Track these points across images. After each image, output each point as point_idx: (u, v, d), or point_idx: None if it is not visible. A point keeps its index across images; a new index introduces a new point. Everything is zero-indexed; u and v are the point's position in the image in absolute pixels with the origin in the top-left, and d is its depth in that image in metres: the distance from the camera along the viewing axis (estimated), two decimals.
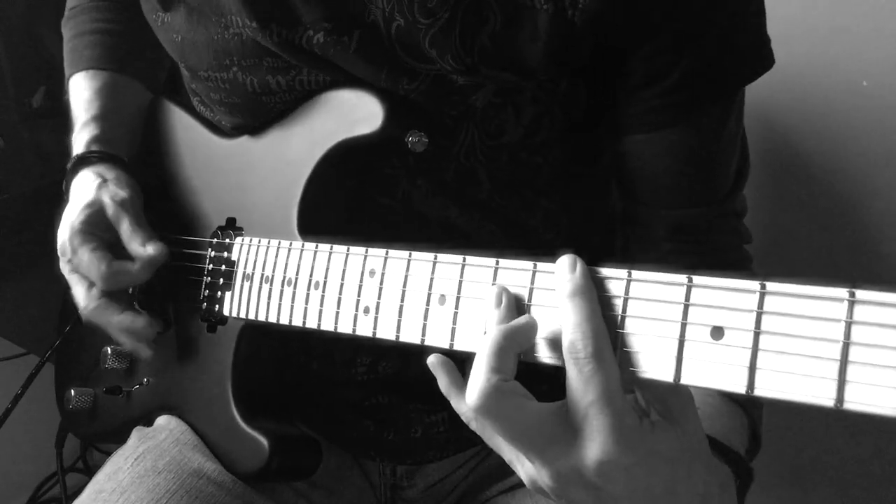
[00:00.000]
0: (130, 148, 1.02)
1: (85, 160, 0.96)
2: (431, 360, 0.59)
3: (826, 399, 0.43)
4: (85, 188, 0.93)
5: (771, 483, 0.67)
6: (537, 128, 0.82)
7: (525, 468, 0.57)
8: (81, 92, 1.02)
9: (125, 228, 0.90)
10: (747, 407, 0.74)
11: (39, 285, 0.92)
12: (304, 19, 0.78)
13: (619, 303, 0.53)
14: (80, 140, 0.98)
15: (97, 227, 0.90)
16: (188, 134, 0.99)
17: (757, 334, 0.46)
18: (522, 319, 0.56)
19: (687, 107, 0.77)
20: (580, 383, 0.52)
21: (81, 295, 0.90)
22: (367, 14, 0.76)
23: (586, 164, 0.90)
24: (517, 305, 0.58)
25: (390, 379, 0.91)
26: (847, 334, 0.43)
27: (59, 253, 0.91)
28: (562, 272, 0.54)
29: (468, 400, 0.54)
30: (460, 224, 0.85)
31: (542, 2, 0.72)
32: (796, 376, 0.44)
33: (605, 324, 0.52)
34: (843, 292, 0.43)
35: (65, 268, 0.92)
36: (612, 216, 1.00)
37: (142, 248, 0.89)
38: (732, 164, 0.83)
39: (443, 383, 0.59)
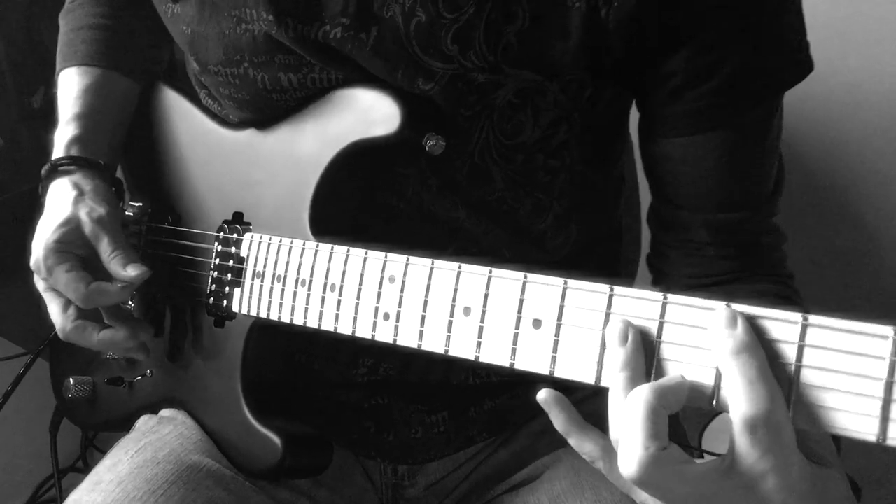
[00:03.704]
0: (112, 149, 0.99)
1: (60, 168, 0.92)
2: (543, 397, 0.56)
3: (868, 435, 0.44)
4: (61, 202, 0.90)
5: None
6: (555, 131, 0.81)
7: None
8: (70, 88, 0.99)
9: (104, 248, 0.87)
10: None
11: None
12: (322, 14, 0.76)
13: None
14: (61, 140, 0.95)
15: (72, 245, 0.87)
16: (191, 122, 0.97)
17: (798, 368, 0.47)
18: (675, 379, 0.52)
19: (730, 110, 0.75)
20: (756, 453, 0.48)
21: (57, 316, 0.88)
22: (386, 10, 0.75)
23: (602, 171, 0.89)
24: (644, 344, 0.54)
25: (391, 380, 0.91)
26: (891, 372, 0.43)
27: (32, 269, 0.89)
28: (720, 327, 0.50)
29: (625, 470, 0.50)
30: (468, 226, 0.85)
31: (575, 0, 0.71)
32: (838, 411, 0.45)
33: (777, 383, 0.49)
34: (888, 330, 0.44)
35: (40, 285, 0.90)
36: (618, 227, 1.00)
37: (122, 271, 0.86)
38: (774, 166, 0.82)
39: (559, 422, 0.57)
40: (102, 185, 0.93)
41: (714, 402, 0.50)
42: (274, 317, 0.80)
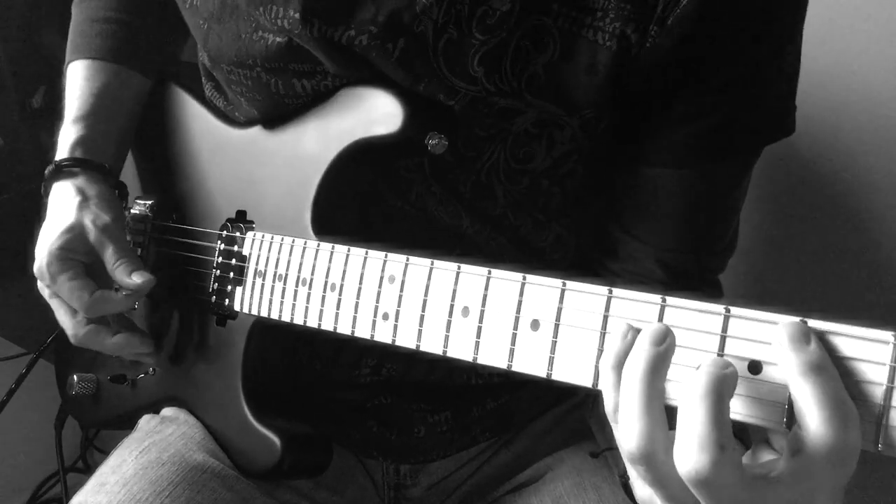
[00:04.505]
0: (119, 150, 0.98)
1: (64, 170, 0.91)
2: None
3: (866, 442, 0.43)
4: (65, 206, 0.89)
5: None
6: (565, 161, 0.81)
7: None
8: (79, 83, 0.98)
9: (109, 256, 0.87)
10: None
11: None
12: (351, 19, 0.75)
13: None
14: (65, 140, 0.94)
15: (76, 252, 0.87)
16: (197, 120, 0.97)
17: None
18: (729, 367, 0.47)
19: (714, 152, 0.77)
20: (818, 472, 0.45)
21: (67, 323, 0.88)
22: (417, 24, 0.74)
23: (599, 195, 0.89)
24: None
25: (394, 381, 0.91)
26: (891, 378, 0.42)
27: (35, 275, 0.88)
28: (791, 343, 0.46)
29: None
30: (471, 234, 0.85)
31: (606, 38, 0.71)
32: None
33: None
34: (888, 335, 0.43)
35: (45, 292, 0.89)
36: None
37: (128, 279, 0.86)
38: (735, 221, 0.84)
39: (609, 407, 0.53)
40: (107, 191, 0.92)
41: None
42: (275, 316, 0.80)
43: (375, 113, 0.77)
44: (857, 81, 1.16)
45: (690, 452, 0.45)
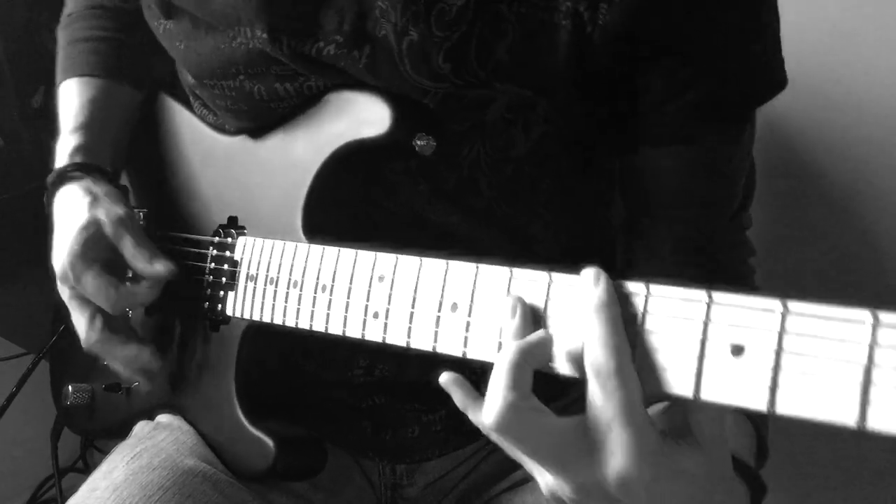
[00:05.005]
0: (116, 158, 0.99)
1: (68, 175, 0.92)
2: (444, 379, 0.58)
3: (848, 419, 0.44)
4: (75, 207, 0.89)
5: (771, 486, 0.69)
6: (544, 143, 0.82)
7: (545, 479, 0.57)
8: (71, 99, 0.99)
9: (128, 247, 0.87)
10: (753, 417, 0.75)
11: (39, 285, 0.90)
12: (318, 31, 0.77)
13: (639, 318, 0.53)
14: (64, 149, 0.95)
15: (96, 249, 0.87)
16: (188, 129, 0.98)
17: (778, 353, 0.46)
18: (538, 335, 0.56)
19: (704, 124, 0.77)
20: (602, 399, 0.51)
21: (83, 326, 0.88)
22: (379, 29, 0.75)
23: (586, 177, 0.90)
24: (533, 316, 0.58)
25: (387, 381, 0.91)
26: (870, 357, 0.43)
27: (58, 280, 0.88)
28: (585, 285, 0.54)
29: (485, 419, 0.53)
30: (462, 230, 0.85)
31: (561, 18, 0.72)
32: (818, 396, 0.45)
33: (627, 339, 0.52)
34: (866, 315, 0.43)
35: (65, 293, 0.89)
36: (613, 227, 1.00)
37: (149, 267, 0.86)
38: (741, 181, 0.84)
39: (458, 399, 0.58)
40: (113, 189, 0.93)
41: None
42: (266, 319, 0.81)
43: (364, 115, 0.78)
44: (857, 83, 1.17)
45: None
